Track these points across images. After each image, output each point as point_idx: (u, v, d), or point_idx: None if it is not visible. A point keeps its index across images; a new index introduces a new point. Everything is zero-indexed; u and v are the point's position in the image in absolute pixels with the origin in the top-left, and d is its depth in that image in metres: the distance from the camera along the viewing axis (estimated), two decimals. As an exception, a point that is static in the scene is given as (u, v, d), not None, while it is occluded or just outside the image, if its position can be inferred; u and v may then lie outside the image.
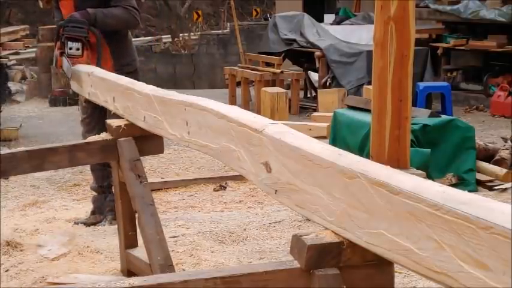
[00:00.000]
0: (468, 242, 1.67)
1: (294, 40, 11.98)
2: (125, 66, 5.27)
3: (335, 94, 10.52)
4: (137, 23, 5.36)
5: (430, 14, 12.44)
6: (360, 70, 10.82)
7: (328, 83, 11.24)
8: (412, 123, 5.31)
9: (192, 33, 25.67)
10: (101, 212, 5.51)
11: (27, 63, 14.54)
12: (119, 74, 4.44)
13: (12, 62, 12.55)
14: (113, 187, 4.74)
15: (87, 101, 4.90)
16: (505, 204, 1.68)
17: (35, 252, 4.78)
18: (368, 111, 5.52)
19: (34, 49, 13.24)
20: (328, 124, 7.67)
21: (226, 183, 6.76)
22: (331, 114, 7.30)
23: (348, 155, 2.22)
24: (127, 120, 3.93)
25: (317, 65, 11.52)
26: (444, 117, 6.85)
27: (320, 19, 13.40)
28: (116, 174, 4.07)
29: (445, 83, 10.91)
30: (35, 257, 4.68)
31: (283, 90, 10.05)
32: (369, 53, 7.29)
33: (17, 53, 11.96)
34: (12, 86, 12.85)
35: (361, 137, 6.24)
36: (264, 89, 10.09)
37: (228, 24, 23.41)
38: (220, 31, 24.05)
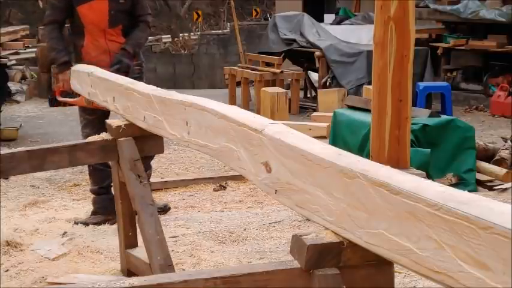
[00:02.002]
0: (468, 242, 1.67)
1: (294, 40, 11.98)
2: (136, 68, 5.50)
3: (335, 94, 10.52)
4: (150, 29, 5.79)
5: (430, 14, 12.45)
6: (360, 70, 10.82)
7: (328, 83, 11.24)
8: (412, 123, 5.31)
9: (192, 33, 25.69)
10: (103, 213, 5.50)
11: (27, 63, 14.52)
12: (132, 76, 4.90)
13: (12, 62, 12.51)
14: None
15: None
16: (505, 204, 1.68)
17: (34, 252, 4.78)
18: (368, 111, 5.52)
19: (34, 49, 13.22)
20: (328, 124, 7.67)
21: (226, 183, 6.76)
22: (331, 114, 7.30)
23: (348, 155, 2.22)
24: (127, 120, 3.93)
25: (317, 65, 11.52)
26: (444, 117, 6.85)
27: (320, 19, 13.41)
28: (116, 174, 4.07)
29: (445, 83, 10.92)
30: (35, 257, 4.68)
31: (283, 90, 10.05)
32: (369, 53, 7.30)
33: (17, 53, 11.92)
34: (12, 86, 12.82)
35: (361, 137, 6.25)
36: (264, 89, 10.10)
37: (228, 24, 23.43)
38: (220, 31, 24.06)
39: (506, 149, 6.85)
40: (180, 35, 26.23)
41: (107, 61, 5.32)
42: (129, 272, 4.20)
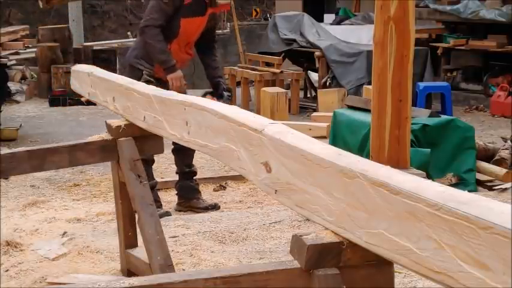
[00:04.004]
0: (468, 242, 1.67)
1: (294, 40, 11.98)
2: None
3: (335, 94, 10.52)
4: None
5: (430, 14, 12.44)
6: (360, 70, 10.81)
7: (328, 83, 11.24)
8: (412, 123, 5.31)
9: (192, 33, 25.60)
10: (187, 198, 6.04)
11: (27, 63, 14.50)
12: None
13: (12, 62, 12.51)
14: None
15: None
16: (505, 204, 1.68)
17: (34, 252, 4.78)
18: (368, 111, 5.52)
19: (34, 49, 13.21)
20: (328, 124, 7.67)
21: (226, 183, 6.76)
22: (331, 114, 7.29)
23: (348, 155, 2.22)
24: (127, 120, 3.92)
25: (317, 65, 11.52)
26: (444, 117, 6.85)
27: (320, 19, 13.40)
28: (116, 174, 4.07)
29: (445, 83, 10.92)
30: (35, 257, 4.68)
31: (283, 90, 10.05)
32: (369, 53, 7.29)
33: (17, 53, 11.92)
34: (12, 86, 12.81)
35: (361, 137, 6.24)
36: (264, 89, 10.10)
37: (228, 24, 23.42)
38: (220, 31, 24.02)
39: (506, 149, 6.85)
40: (180, 35, 26.11)
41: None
42: (129, 272, 4.19)
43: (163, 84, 5.29)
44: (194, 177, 6.12)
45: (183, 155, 5.89)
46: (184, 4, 5.55)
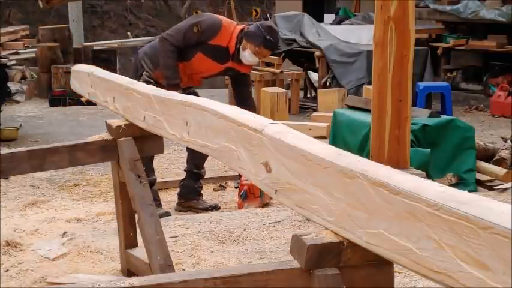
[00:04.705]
0: (468, 242, 1.67)
1: (294, 40, 11.97)
2: None
3: (335, 94, 10.52)
4: None
5: (430, 14, 12.44)
6: (360, 70, 10.81)
7: (328, 83, 11.23)
8: (412, 123, 5.30)
9: (192, 33, 25.58)
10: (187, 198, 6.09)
11: (27, 63, 14.50)
12: None
13: (12, 62, 12.52)
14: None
15: None
16: (505, 204, 1.68)
17: (34, 252, 4.78)
18: (368, 111, 5.52)
19: (34, 49, 13.21)
20: (328, 124, 7.66)
21: (226, 183, 6.76)
22: (331, 114, 7.29)
23: (348, 155, 2.22)
24: (127, 120, 3.92)
25: (317, 65, 11.51)
26: (444, 117, 6.84)
27: (320, 19, 13.40)
28: (116, 174, 4.07)
29: (445, 83, 10.91)
30: (35, 257, 4.68)
31: (283, 90, 10.04)
32: (369, 53, 7.29)
33: (17, 53, 11.93)
34: (12, 86, 12.81)
35: (361, 137, 6.24)
36: (264, 89, 10.08)
37: (228, 24, 23.38)
38: (220, 31, 23.98)
39: (506, 149, 6.84)
40: (180, 35, 26.08)
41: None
42: (129, 272, 4.19)
43: (160, 87, 5.32)
44: (200, 180, 6.13)
45: (195, 155, 5.89)
46: (208, 43, 5.66)
